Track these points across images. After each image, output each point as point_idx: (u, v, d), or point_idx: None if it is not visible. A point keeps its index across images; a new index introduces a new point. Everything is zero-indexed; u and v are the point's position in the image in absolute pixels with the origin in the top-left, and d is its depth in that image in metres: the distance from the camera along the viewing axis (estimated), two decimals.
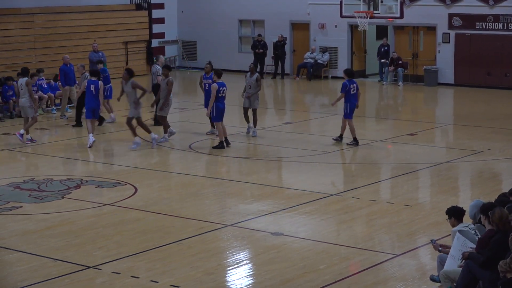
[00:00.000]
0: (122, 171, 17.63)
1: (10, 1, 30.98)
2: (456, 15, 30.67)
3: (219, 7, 35.96)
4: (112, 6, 34.17)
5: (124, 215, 14.17)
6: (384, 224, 13.50)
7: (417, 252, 12.15)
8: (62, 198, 15.23)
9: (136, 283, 10.90)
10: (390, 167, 18.08)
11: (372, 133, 21.89)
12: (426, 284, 10.73)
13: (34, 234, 13.07)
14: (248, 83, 20.94)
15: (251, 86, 20.86)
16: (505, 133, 21.75)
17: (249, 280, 11.13)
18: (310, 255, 11.96)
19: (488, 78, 30.33)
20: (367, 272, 11.27)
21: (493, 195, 12.01)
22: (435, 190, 16.06)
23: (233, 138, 20.41)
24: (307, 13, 33.75)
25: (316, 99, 30.20)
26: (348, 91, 19.77)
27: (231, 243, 12.76)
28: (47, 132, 22.59)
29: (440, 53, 31.24)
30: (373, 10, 32.02)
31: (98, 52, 27.73)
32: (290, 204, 14.72)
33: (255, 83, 20.84)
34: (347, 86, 19.78)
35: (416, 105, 28.84)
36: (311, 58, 33.43)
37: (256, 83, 20.85)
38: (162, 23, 36.27)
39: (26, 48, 30.50)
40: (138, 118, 19.79)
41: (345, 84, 19.83)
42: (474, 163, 18.24)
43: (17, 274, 11.31)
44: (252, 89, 20.84)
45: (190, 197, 15.39)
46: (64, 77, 24.72)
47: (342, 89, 19.89)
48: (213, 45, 36.11)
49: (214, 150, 19.44)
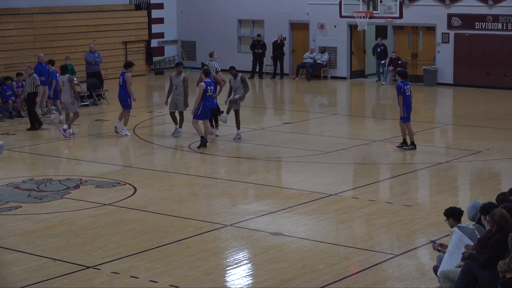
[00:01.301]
0: (121, 171, 17.63)
1: (9, 1, 30.98)
2: (456, 15, 30.68)
3: (219, 7, 35.97)
4: (111, 6, 34.18)
5: (123, 215, 14.17)
6: (383, 224, 13.50)
7: (416, 252, 12.16)
8: (62, 198, 15.23)
9: (136, 283, 10.90)
10: (389, 167, 18.08)
11: (371, 133, 21.89)
12: (426, 284, 10.74)
13: (34, 234, 13.07)
14: (234, 86, 20.56)
15: (237, 88, 20.61)
16: (505, 133, 21.76)
17: (248, 280, 11.14)
18: (310, 255, 11.96)
19: (487, 78, 30.34)
20: (366, 272, 11.27)
21: (493, 195, 12.01)
22: (435, 190, 16.06)
23: (231, 138, 20.41)
24: (306, 13, 33.76)
25: (316, 99, 30.20)
26: (404, 93, 19.04)
27: (230, 243, 12.76)
28: (46, 132, 22.56)
29: (439, 53, 31.25)
30: (372, 10, 32.02)
31: (95, 52, 27.70)
32: (290, 204, 14.72)
33: (240, 84, 20.63)
34: (402, 88, 19.03)
35: (415, 105, 28.72)
36: (310, 58, 33.43)
37: (242, 84, 20.58)
38: (162, 23, 36.28)
39: (26, 48, 30.49)
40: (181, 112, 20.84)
41: (400, 86, 19.04)
42: (474, 163, 18.24)
43: (17, 274, 11.31)
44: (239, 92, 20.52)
45: (189, 197, 15.39)
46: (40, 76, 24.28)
47: (398, 92, 19.05)
48: (213, 45, 36.01)
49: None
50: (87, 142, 21.11)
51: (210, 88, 19.54)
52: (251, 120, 22.89)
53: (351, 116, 25.99)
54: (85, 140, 21.22)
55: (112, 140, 21.15)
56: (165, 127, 22.97)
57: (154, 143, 20.82)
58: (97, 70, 27.79)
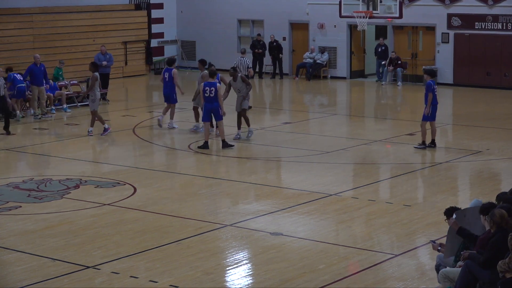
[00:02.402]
0: (121, 171, 17.63)
1: (9, 1, 30.98)
2: (455, 15, 30.67)
3: (218, 7, 35.96)
4: (111, 6, 34.17)
5: (123, 215, 14.17)
6: (383, 224, 13.50)
7: (416, 252, 12.16)
8: (61, 198, 15.23)
9: (135, 283, 10.90)
10: (389, 167, 18.08)
11: (371, 133, 21.89)
12: (426, 284, 10.74)
13: (33, 234, 13.06)
14: (236, 87, 20.53)
15: (241, 90, 20.61)
16: (504, 133, 21.76)
17: (248, 280, 11.13)
18: (309, 255, 11.96)
19: (487, 78, 30.34)
20: (366, 272, 11.27)
21: (492, 195, 12.01)
22: (434, 190, 16.06)
23: (232, 138, 20.41)
24: (306, 13, 33.76)
25: (315, 99, 30.20)
26: (433, 91, 18.86)
27: (230, 243, 12.76)
28: (46, 132, 22.57)
29: (439, 53, 31.25)
30: (372, 10, 32.02)
31: (106, 54, 27.55)
32: (289, 204, 14.72)
33: (243, 84, 20.60)
34: (432, 86, 18.87)
35: (415, 105, 28.80)
36: (310, 58, 33.43)
37: (244, 83, 20.55)
38: (161, 23, 36.27)
39: (25, 48, 30.47)
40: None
41: (430, 84, 18.88)
42: (473, 163, 18.24)
43: (16, 274, 11.31)
44: (243, 91, 20.58)
45: (189, 197, 15.39)
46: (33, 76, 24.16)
47: (428, 90, 18.83)
48: (212, 45, 36.12)
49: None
50: (87, 142, 21.09)
51: (209, 88, 19.40)
52: (251, 120, 22.88)
53: (351, 116, 25.99)
54: (85, 140, 21.21)
55: (112, 140, 21.15)
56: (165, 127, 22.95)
57: (154, 143, 20.83)
58: (106, 72, 27.45)
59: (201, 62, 21.95)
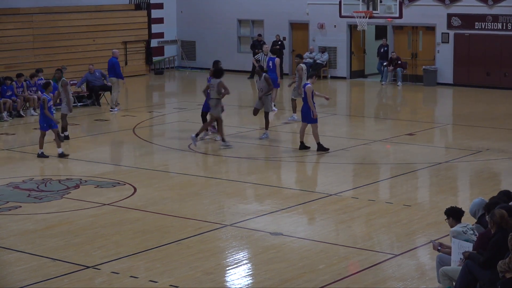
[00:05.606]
0: (121, 171, 17.63)
1: (9, 1, 30.97)
2: (455, 15, 30.67)
3: (218, 7, 35.96)
4: (111, 6, 34.17)
5: (123, 215, 14.18)
6: (383, 224, 13.50)
7: (416, 252, 12.16)
8: (61, 198, 15.23)
9: (135, 283, 10.90)
10: (389, 167, 18.08)
11: (371, 133, 21.89)
12: (425, 284, 10.74)
13: (33, 234, 13.07)
14: (259, 87, 20.81)
15: (263, 89, 20.74)
16: (504, 133, 21.75)
17: (248, 280, 11.14)
18: (309, 255, 11.96)
19: (487, 78, 30.33)
20: (366, 272, 11.27)
21: (492, 195, 11.99)
22: (434, 190, 16.06)
23: (231, 138, 20.42)
24: (306, 13, 33.76)
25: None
26: None
27: (230, 243, 12.76)
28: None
29: (439, 53, 31.24)
30: (372, 10, 32.01)
31: (94, 72, 26.82)
32: (289, 204, 14.72)
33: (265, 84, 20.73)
34: None
35: (415, 105, 28.84)
36: (310, 58, 33.42)
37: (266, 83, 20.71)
38: (161, 23, 36.27)
39: (25, 48, 30.47)
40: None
41: None
42: (473, 163, 18.24)
43: (16, 274, 11.31)
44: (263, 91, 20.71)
45: (189, 197, 15.39)
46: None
47: None
48: (212, 45, 36.12)
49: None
50: (87, 142, 21.10)
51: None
52: (251, 120, 22.88)
53: (351, 116, 25.99)
54: (85, 140, 21.21)
55: (112, 140, 21.15)
56: (165, 127, 22.98)
57: (154, 143, 20.83)
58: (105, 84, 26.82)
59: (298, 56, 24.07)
